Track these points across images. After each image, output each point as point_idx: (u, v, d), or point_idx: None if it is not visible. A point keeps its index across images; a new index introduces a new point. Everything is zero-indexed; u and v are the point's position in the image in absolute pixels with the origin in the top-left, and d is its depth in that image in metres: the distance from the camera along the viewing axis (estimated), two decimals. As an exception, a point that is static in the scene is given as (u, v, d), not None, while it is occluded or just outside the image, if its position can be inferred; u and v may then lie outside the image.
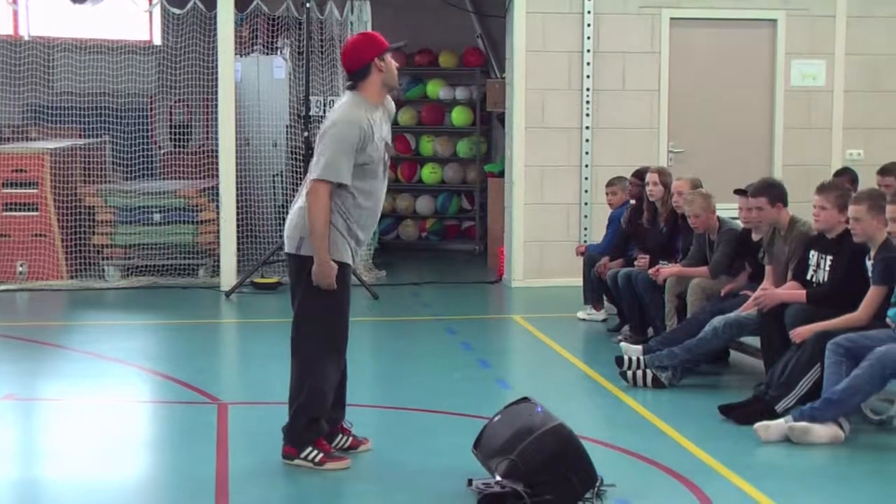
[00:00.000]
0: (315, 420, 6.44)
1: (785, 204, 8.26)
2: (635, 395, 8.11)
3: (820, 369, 7.13)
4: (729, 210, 9.44)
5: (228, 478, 6.30)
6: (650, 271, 9.39)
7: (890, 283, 7.18)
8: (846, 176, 10.17)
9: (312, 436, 6.44)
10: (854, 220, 7.32)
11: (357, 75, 6.50)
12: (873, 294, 7.25)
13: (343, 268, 6.34)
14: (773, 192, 8.27)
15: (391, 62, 6.66)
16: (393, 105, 6.78)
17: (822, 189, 7.75)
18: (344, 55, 6.64)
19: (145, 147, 13.84)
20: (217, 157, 12.83)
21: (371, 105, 6.45)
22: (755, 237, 8.67)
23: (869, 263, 7.37)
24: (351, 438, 6.74)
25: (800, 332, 7.33)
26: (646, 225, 10.10)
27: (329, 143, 6.27)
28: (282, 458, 6.46)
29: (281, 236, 6.98)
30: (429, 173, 16.00)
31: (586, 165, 12.90)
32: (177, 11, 13.14)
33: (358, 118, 6.32)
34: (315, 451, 6.40)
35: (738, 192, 8.72)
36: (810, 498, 6.11)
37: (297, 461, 6.41)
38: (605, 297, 10.59)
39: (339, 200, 6.32)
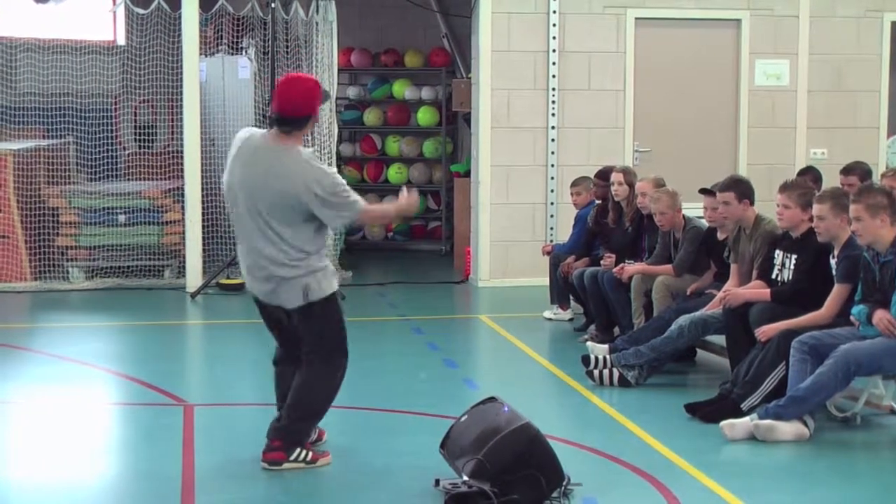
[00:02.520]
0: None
1: (752, 202, 8.30)
2: (602, 394, 8.13)
3: (785, 367, 7.17)
4: (694, 209, 9.48)
5: (194, 479, 6.27)
6: (615, 270, 9.42)
7: (853, 281, 7.23)
8: (810, 175, 10.23)
9: (306, 438, 6.49)
10: (818, 219, 7.37)
11: (299, 122, 6.25)
12: (837, 292, 7.30)
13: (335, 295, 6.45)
14: (740, 187, 8.31)
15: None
16: None
17: (786, 188, 7.80)
18: (295, 96, 6.24)
19: (110, 148, 13.76)
20: (182, 157, 12.78)
21: None
22: (720, 236, 8.71)
23: (833, 262, 7.42)
24: (317, 430, 6.76)
25: (765, 331, 7.37)
26: (611, 225, 10.12)
27: (340, 184, 6.23)
28: (266, 465, 6.36)
29: None
30: (395, 173, 15.99)
31: (552, 165, 12.93)
32: (141, 11, 13.07)
33: None
34: (304, 451, 6.42)
35: (703, 191, 8.75)
36: (776, 495, 6.13)
37: (286, 465, 6.37)
38: (571, 297, 10.61)
39: (320, 240, 6.36)
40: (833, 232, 7.33)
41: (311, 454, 6.43)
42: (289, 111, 6.20)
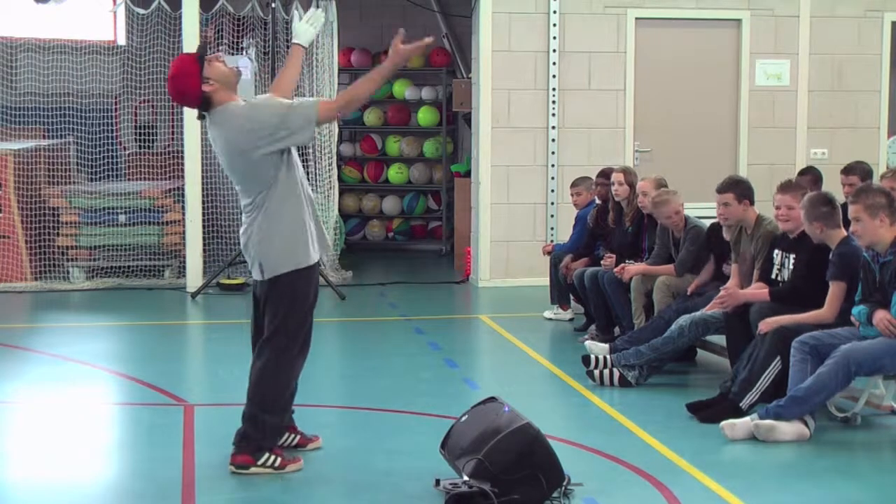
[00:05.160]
0: (279, 426, 6.42)
1: (752, 202, 8.29)
2: (602, 394, 8.12)
3: (780, 363, 7.17)
4: (694, 209, 9.47)
5: (195, 480, 6.27)
6: (615, 270, 9.41)
7: (846, 278, 7.24)
8: (810, 175, 10.23)
9: (274, 442, 6.41)
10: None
11: (203, 104, 6.22)
12: (834, 290, 7.30)
13: (311, 269, 6.30)
14: (740, 188, 8.30)
15: (216, 65, 6.18)
16: None
17: (789, 188, 7.79)
18: (171, 90, 6.30)
19: (110, 148, 13.77)
20: (182, 157, 12.78)
21: None
22: (726, 235, 8.69)
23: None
24: (298, 436, 6.71)
25: (767, 323, 7.35)
26: (611, 225, 10.12)
27: (277, 103, 6.17)
28: (234, 468, 6.31)
29: None
30: (395, 173, 16.00)
31: (552, 165, 12.93)
32: (141, 11, 13.08)
33: None
34: (273, 456, 6.33)
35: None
36: (776, 495, 6.13)
37: (253, 469, 6.30)
38: (571, 297, 10.61)
39: (287, 196, 6.21)
40: (818, 236, 7.42)
41: (280, 460, 6.33)
42: (178, 101, 6.35)
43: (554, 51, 12.87)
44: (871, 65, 13.44)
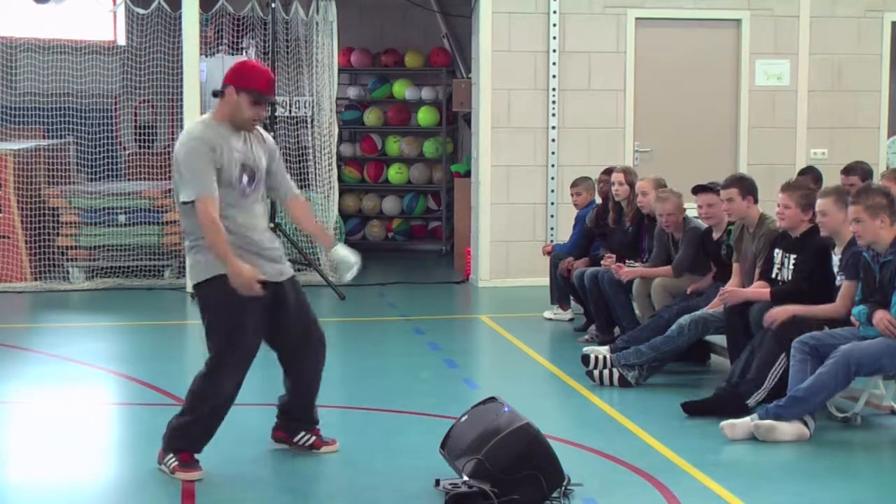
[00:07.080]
0: (194, 433, 6.32)
1: (755, 199, 8.28)
2: (602, 395, 8.12)
3: (785, 360, 7.17)
4: (694, 210, 9.47)
5: (194, 480, 6.26)
6: (612, 266, 9.40)
7: (858, 277, 7.23)
8: (810, 175, 10.24)
9: (181, 445, 6.29)
10: (821, 215, 7.38)
11: (218, 92, 6.27)
12: (847, 288, 7.28)
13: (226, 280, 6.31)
14: (744, 184, 8.30)
15: (247, 105, 6.15)
16: (270, 141, 6.52)
17: (787, 187, 7.79)
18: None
19: (110, 148, 13.76)
20: (182, 157, 12.75)
21: (222, 126, 6.18)
22: (715, 236, 8.71)
23: (836, 258, 7.42)
24: (314, 438, 6.71)
25: (774, 314, 7.33)
26: (611, 225, 10.12)
27: (182, 163, 6.12)
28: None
29: None
30: (395, 173, 15.99)
31: (552, 165, 12.93)
32: (141, 11, 13.07)
33: (201, 136, 6.12)
34: (173, 458, 6.27)
35: (698, 188, 8.73)
36: (776, 495, 6.13)
37: (160, 466, 6.32)
38: (571, 297, 10.60)
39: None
40: (836, 228, 7.34)
41: (174, 464, 6.26)
42: None
43: (554, 51, 12.87)
44: (871, 65, 13.44)
